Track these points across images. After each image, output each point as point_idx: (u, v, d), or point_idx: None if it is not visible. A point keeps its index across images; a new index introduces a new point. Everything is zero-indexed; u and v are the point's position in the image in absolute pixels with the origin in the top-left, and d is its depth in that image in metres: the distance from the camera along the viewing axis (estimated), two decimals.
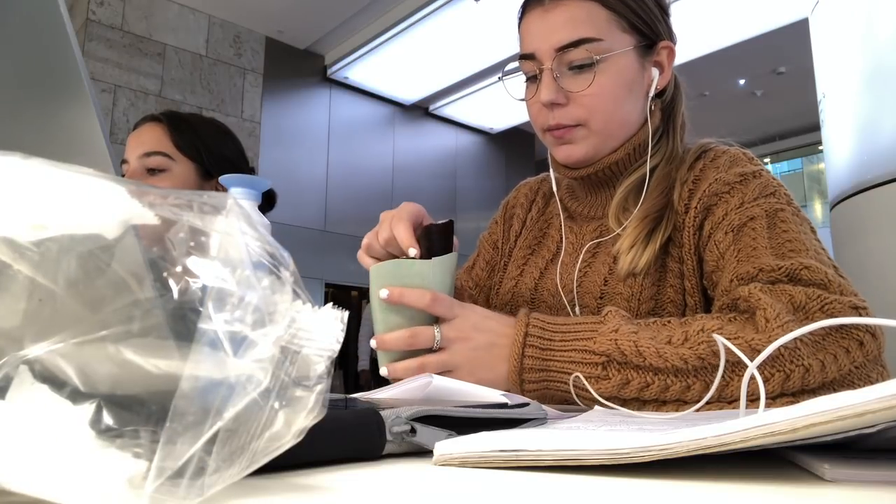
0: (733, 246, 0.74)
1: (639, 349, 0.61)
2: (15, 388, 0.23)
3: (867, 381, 0.60)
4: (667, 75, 0.87)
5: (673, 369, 0.60)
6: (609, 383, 0.62)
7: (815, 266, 0.66)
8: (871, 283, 1.74)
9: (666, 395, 0.60)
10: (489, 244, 1.06)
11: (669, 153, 0.86)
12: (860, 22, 1.85)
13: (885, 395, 0.26)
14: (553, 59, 0.81)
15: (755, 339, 0.59)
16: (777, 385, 0.58)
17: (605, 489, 0.30)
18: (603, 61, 0.81)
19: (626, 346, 0.61)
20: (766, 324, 0.60)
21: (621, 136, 0.85)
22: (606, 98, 0.82)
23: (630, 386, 0.61)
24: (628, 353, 0.61)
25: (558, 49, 0.81)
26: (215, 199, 0.25)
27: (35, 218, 0.23)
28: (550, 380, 0.66)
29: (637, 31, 0.84)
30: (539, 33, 0.83)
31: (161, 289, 0.23)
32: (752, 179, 0.78)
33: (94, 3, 4.01)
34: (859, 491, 0.28)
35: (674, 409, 0.60)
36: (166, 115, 1.32)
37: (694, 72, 4.75)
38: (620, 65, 0.82)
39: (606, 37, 0.81)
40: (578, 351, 0.64)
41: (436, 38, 5.17)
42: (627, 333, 0.62)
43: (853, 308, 0.62)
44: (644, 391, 0.61)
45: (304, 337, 0.25)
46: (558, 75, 0.82)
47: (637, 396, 0.61)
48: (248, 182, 0.72)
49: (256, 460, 0.24)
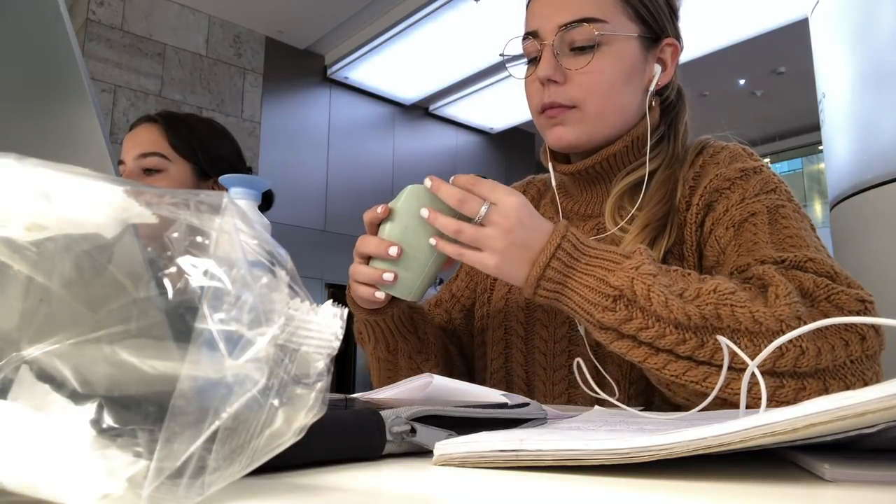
0: (734, 241, 0.74)
1: (649, 293, 0.62)
2: (16, 388, 0.23)
3: (860, 379, 0.60)
4: (669, 73, 0.87)
5: (674, 321, 0.61)
6: (614, 316, 0.63)
7: (820, 259, 0.66)
8: (871, 283, 1.73)
9: (661, 342, 0.61)
10: None
11: (670, 158, 0.86)
12: (860, 22, 1.85)
13: (885, 395, 0.26)
14: (555, 37, 0.82)
15: (761, 311, 0.59)
16: (770, 361, 0.58)
17: (605, 489, 0.30)
18: (605, 44, 0.81)
19: (638, 288, 0.62)
20: (775, 299, 0.60)
21: (617, 124, 0.84)
22: (604, 80, 0.81)
23: (631, 323, 0.62)
24: (638, 294, 0.62)
25: (561, 26, 0.81)
26: (212, 198, 0.25)
27: (33, 218, 0.23)
28: (563, 295, 0.67)
29: (643, 22, 0.84)
30: (544, 12, 0.84)
31: (158, 288, 0.23)
32: (752, 175, 0.78)
33: (94, 3, 4.01)
34: (859, 491, 0.28)
35: (664, 360, 0.61)
36: (162, 115, 1.32)
37: (694, 72, 4.74)
38: (622, 50, 0.82)
39: (611, 20, 0.81)
40: (596, 279, 0.65)
41: (436, 38, 5.17)
42: (646, 275, 0.63)
43: (860, 301, 0.62)
44: (642, 332, 0.62)
45: (303, 335, 0.25)
46: (559, 53, 0.82)
47: (634, 335, 0.62)
48: (247, 182, 0.72)
49: (257, 458, 0.24)
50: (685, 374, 0.61)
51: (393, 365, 0.89)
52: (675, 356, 0.61)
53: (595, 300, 0.64)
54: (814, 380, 0.59)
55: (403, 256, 0.71)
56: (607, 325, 0.63)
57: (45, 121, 0.42)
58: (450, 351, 0.95)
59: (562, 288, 0.66)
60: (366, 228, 0.74)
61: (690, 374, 0.61)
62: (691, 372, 0.61)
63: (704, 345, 0.60)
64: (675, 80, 0.91)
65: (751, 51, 5.15)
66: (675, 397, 0.66)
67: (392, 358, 0.88)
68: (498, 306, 0.93)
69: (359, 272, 0.74)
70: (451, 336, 0.99)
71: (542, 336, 0.87)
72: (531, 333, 0.89)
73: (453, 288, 1.03)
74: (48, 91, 0.42)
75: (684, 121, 0.90)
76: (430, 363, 0.89)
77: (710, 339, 0.60)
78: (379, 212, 0.72)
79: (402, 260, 0.71)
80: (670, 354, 0.61)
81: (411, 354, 0.88)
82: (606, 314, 0.63)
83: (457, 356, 0.97)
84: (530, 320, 0.89)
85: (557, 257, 0.67)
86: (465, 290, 1.02)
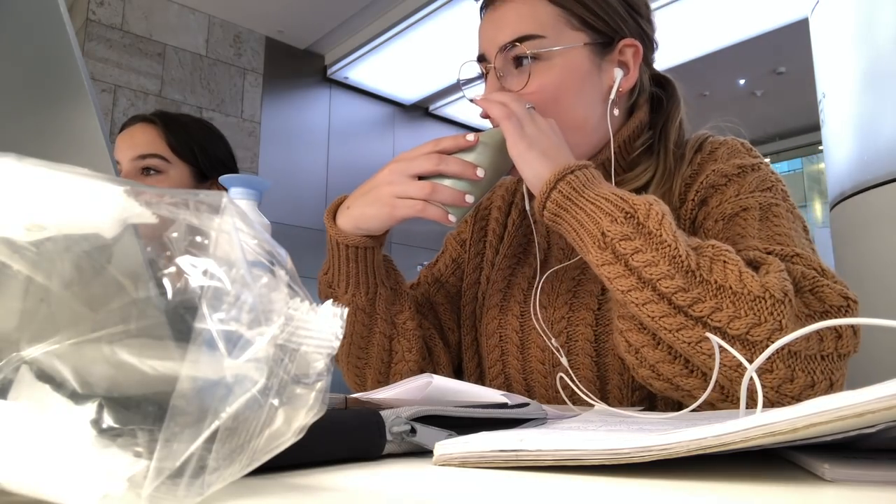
0: (722, 234, 0.73)
1: (662, 220, 0.62)
2: (16, 388, 0.23)
3: (827, 377, 0.59)
4: (633, 75, 0.83)
5: (671, 255, 0.61)
6: (619, 228, 0.63)
7: (807, 255, 0.66)
8: (871, 282, 1.73)
9: (649, 270, 0.61)
10: (457, 242, 1.03)
11: (662, 173, 0.82)
12: (860, 22, 1.85)
13: (885, 395, 0.26)
14: (496, 59, 0.80)
15: (749, 274, 0.59)
16: (745, 326, 0.58)
17: (605, 489, 0.30)
18: (544, 59, 0.79)
19: (654, 212, 0.63)
20: (766, 274, 0.60)
21: (581, 142, 0.82)
22: (546, 98, 0.79)
23: (630, 243, 0.62)
24: (651, 219, 0.62)
25: (501, 47, 0.80)
26: (211, 198, 0.25)
27: (33, 218, 0.23)
28: (580, 197, 0.67)
29: (591, 28, 0.81)
30: (487, 33, 0.83)
31: (158, 288, 0.23)
32: (750, 172, 0.77)
33: (94, 3, 4.01)
34: (859, 491, 0.28)
35: (647, 296, 0.61)
36: (159, 115, 1.31)
37: (694, 72, 4.74)
38: (568, 63, 0.79)
39: (550, 33, 0.79)
40: (617, 195, 0.66)
41: (436, 38, 5.17)
42: (663, 207, 0.64)
43: (843, 297, 0.62)
44: (636, 255, 0.61)
45: (303, 334, 0.25)
46: (502, 74, 0.81)
47: (628, 258, 0.62)
48: (247, 182, 0.72)
49: (257, 458, 0.24)
50: (661, 319, 0.60)
51: (370, 318, 0.85)
52: (658, 294, 0.60)
53: (608, 209, 0.64)
54: (783, 364, 0.58)
55: (477, 182, 0.76)
56: (608, 240, 0.63)
57: (45, 121, 0.42)
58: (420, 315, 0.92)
59: (580, 192, 0.67)
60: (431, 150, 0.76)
61: (667, 322, 0.60)
62: (668, 319, 0.60)
63: (688, 291, 0.59)
64: (645, 79, 0.88)
65: (751, 51, 5.15)
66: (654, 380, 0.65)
67: (370, 308, 0.84)
68: (492, 314, 0.91)
69: (442, 192, 0.74)
70: (429, 318, 0.96)
71: (538, 344, 0.86)
72: (527, 342, 0.87)
73: (435, 272, 1.01)
74: (48, 91, 0.42)
75: (676, 124, 0.86)
76: (405, 315, 0.86)
77: (694, 288, 0.59)
78: (470, 139, 0.75)
79: (474, 184, 0.76)
80: (654, 291, 0.60)
81: (387, 304, 0.85)
82: (615, 226, 0.63)
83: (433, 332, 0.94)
84: (525, 329, 0.87)
85: (584, 171, 0.69)
86: (450, 277, 1.00)
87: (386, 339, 0.86)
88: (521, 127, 0.72)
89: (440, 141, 0.76)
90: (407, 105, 6.48)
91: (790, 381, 0.58)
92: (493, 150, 0.76)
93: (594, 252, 0.64)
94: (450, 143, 0.75)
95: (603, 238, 0.63)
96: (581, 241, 0.66)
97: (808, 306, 0.61)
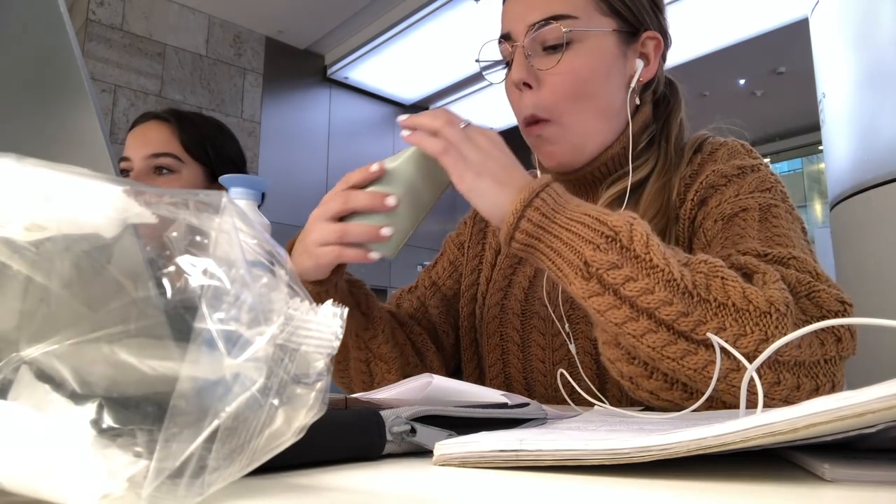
0: (721, 234, 0.73)
1: (648, 241, 0.58)
2: (16, 388, 0.23)
3: (830, 379, 0.59)
4: (653, 67, 0.84)
5: (665, 278, 0.57)
6: (604, 257, 0.58)
7: (803, 258, 0.66)
8: (872, 282, 1.73)
9: (645, 299, 0.56)
10: (455, 245, 1.02)
11: (663, 164, 0.82)
12: (860, 22, 1.85)
13: (885, 395, 0.26)
14: (526, 37, 0.80)
15: (752, 290, 0.57)
16: (753, 343, 0.55)
17: (605, 489, 0.30)
18: (577, 41, 0.78)
19: (637, 233, 0.58)
20: (763, 285, 0.59)
21: (604, 128, 0.81)
22: (577, 80, 0.78)
23: (619, 272, 0.57)
24: (636, 240, 0.58)
25: (531, 26, 0.79)
26: (210, 198, 0.25)
27: (33, 218, 0.23)
28: (553, 225, 0.62)
29: (619, 16, 0.81)
30: (515, 12, 0.82)
31: (158, 288, 0.23)
32: (749, 173, 0.77)
33: (94, 3, 4.01)
34: (859, 491, 0.28)
35: (644, 327, 0.56)
36: (172, 114, 1.27)
37: (694, 72, 4.74)
38: (597, 47, 0.79)
39: (583, 16, 0.79)
40: (592, 218, 0.61)
41: (436, 38, 5.16)
42: (644, 226, 0.60)
43: (839, 301, 0.61)
44: (628, 284, 0.57)
45: (302, 334, 0.25)
46: (530, 54, 0.80)
47: (618, 288, 0.57)
48: (248, 182, 0.72)
49: (257, 458, 0.24)
50: (664, 349, 0.56)
51: (342, 345, 0.83)
52: (656, 323, 0.56)
53: (588, 236, 0.59)
54: (790, 374, 0.57)
55: (393, 212, 0.70)
56: (593, 269, 0.58)
57: (45, 121, 0.42)
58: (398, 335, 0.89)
59: (551, 219, 0.62)
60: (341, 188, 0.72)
61: (669, 350, 0.56)
62: (670, 348, 0.56)
63: (689, 315, 0.56)
64: (661, 74, 0.88)
65: (751, 51, 5.15)
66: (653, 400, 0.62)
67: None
68: (493, 313, 0.91)
69: (352, 231, 0.69)
70: (422, 323, 0.95)
71: (539, 343, 0.86)
72: (528, 341, 0.87)
73: (433, 275, 1.00)
74: (48, 91, 0.42)
75: (678, 120, 0.87)
76: (378, 340, 0.84)
77: (694, 310, 0.56)
78: (374, 170, 0.70)
79: (391, 215, 0.69)
80: (651, 320, 0.56)
81: (358, 332, 0.84)
82: (597, 255, 0.58)
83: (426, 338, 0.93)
84: (526, 328, 0.87)
85: (548, 191, 0.63)
86: (447, 280, 0.99)
87: (363, 364, 0.85)
88: (462, 156, 0.66)
89: (350, 176, 0.72)
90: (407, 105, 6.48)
91: (797, 388, 0.58)
92: (405, 173, 0.71)
93: (578, 283, 0.60)
94: (357, 177, 0.71)
95: (587, 268, 0.59)
96: (560, 271, 0.61)
97: (804, 312, 0.61)
